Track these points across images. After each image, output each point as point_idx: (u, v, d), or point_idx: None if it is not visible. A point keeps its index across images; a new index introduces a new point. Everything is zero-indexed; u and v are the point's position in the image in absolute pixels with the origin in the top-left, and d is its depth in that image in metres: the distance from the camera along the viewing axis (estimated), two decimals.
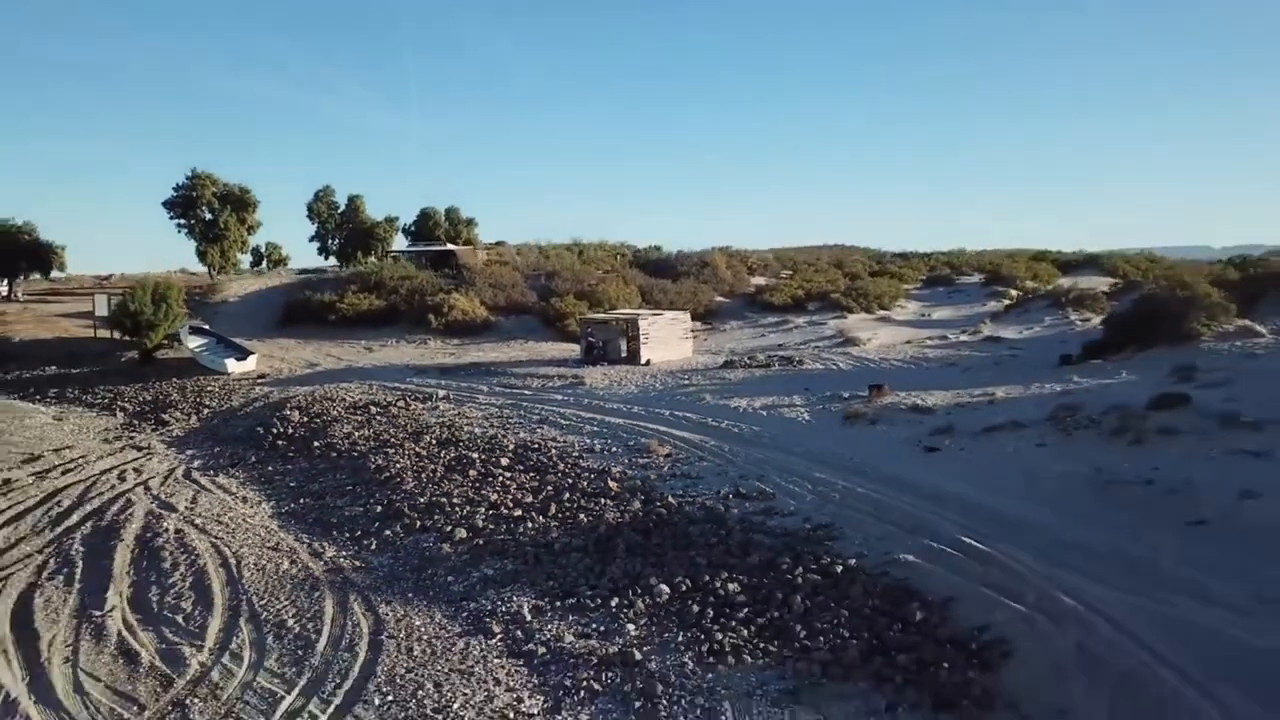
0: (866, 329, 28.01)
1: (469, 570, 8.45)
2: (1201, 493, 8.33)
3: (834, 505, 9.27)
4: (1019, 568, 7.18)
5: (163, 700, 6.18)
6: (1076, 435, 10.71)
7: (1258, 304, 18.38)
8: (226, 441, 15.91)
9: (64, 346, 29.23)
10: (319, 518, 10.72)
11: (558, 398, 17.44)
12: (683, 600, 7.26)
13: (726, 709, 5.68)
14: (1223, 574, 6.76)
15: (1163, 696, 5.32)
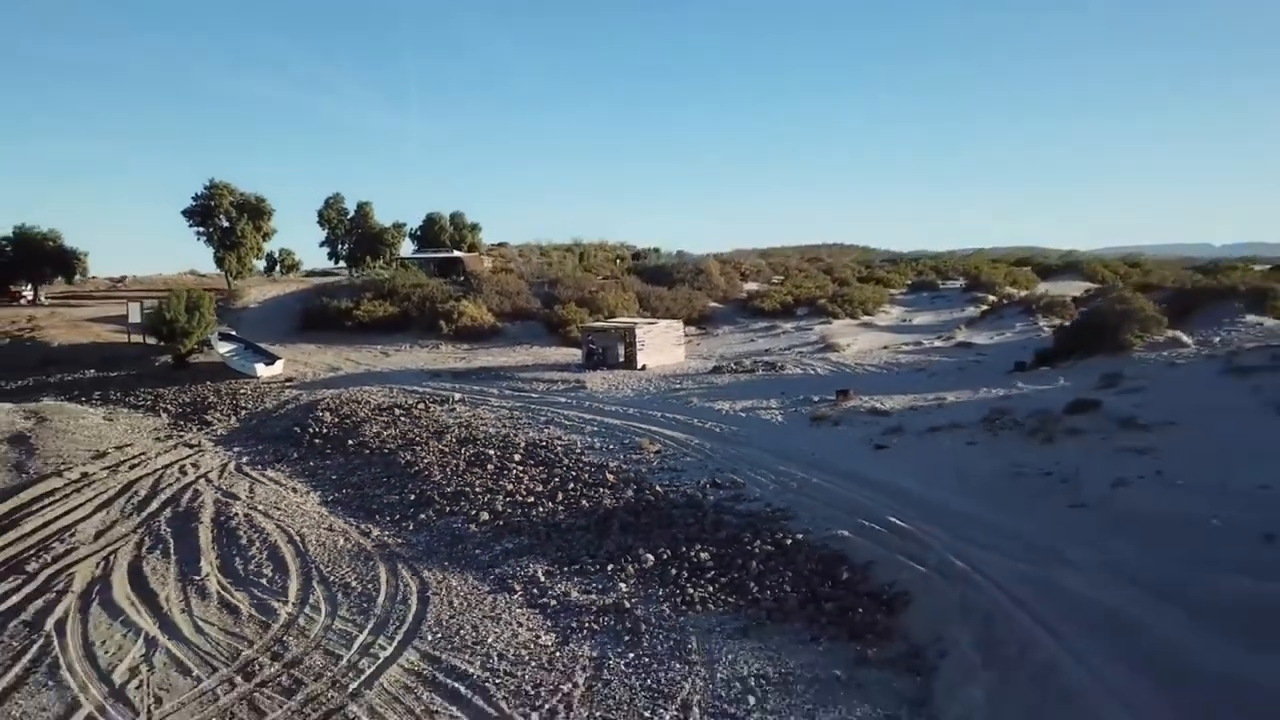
0: (848, 335, 29.85)
1: (492, 545, 10.33)
2: (1085, 482, 10.20)
3: (792, 493, 11.14)
4: (929, 540, 9.05)
5: (265, 638, 8.06)
6: (1002, 435, 12.59)
7: (1192, 315, 20.24)
8: (267, 440, 17.79)
9: (100, 351, 31.14)
10: (361, 505, 12.60)
11: (562, 401, 19.31)
12: (664, 566, 9.13)
13: (693, 641, 7.55)
14: (1081, 545, 8.63)
15: (1014, 631, 7.18)
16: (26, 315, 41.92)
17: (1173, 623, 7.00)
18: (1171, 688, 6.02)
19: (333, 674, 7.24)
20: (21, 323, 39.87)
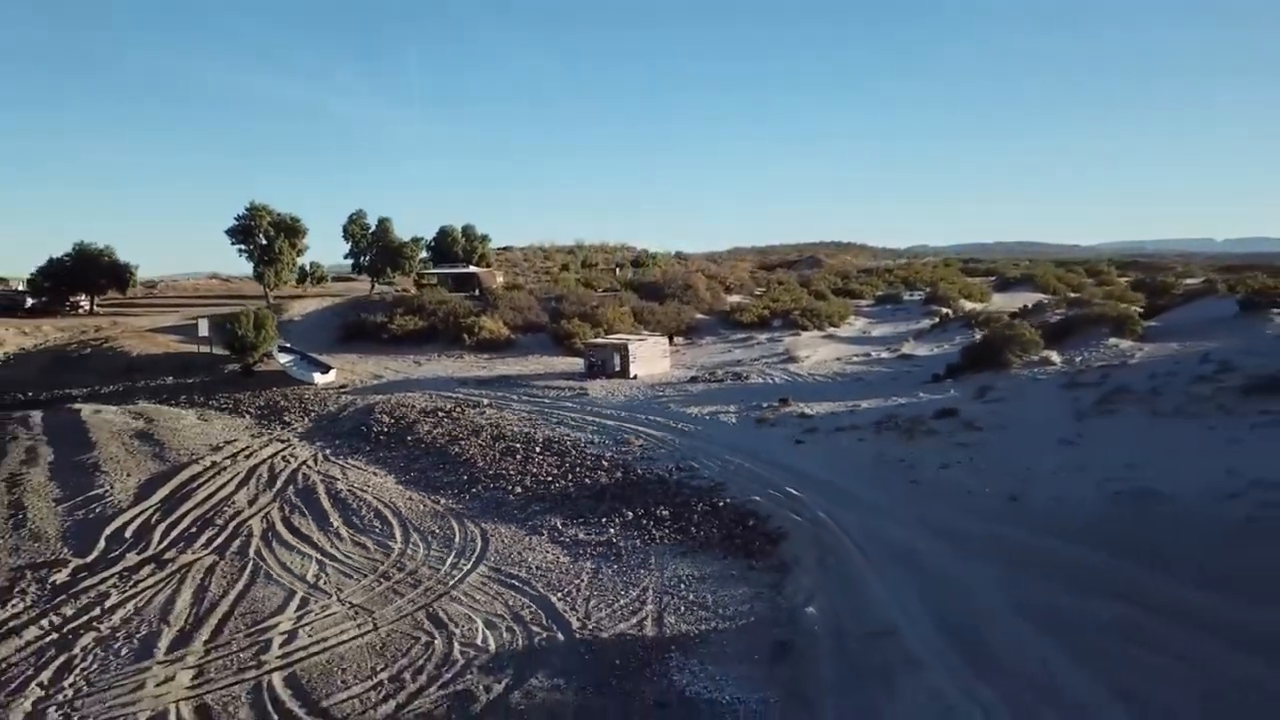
0: (811, 347, 34.52)
1: (525, 508, 15.08)
2: (923, 467, 14.96)
3: (729, 474, 15.90)
4: (810, 503, 13.79)
5: (389, 561, 12.81)
6: (884, 434, 17.34)
7: (1072, 336, 24.94)
8: (340, 436, 22.55)
9: (175, 360, 35.93)
10: (427, 483, 17.35)
11: (568, 405, 24.08)
12: (639, 518, 13.88)
13: (653, 560, 12.28)
14: (905, 506, 13.38)
15: (840, 554, 11.92)
16: (93, 325, 46.79)
17: (938, 549, 11.74)
18: (924, 582, 10.76)
19: (438, 577, 12.00)
20: (90, 332, 44.72)
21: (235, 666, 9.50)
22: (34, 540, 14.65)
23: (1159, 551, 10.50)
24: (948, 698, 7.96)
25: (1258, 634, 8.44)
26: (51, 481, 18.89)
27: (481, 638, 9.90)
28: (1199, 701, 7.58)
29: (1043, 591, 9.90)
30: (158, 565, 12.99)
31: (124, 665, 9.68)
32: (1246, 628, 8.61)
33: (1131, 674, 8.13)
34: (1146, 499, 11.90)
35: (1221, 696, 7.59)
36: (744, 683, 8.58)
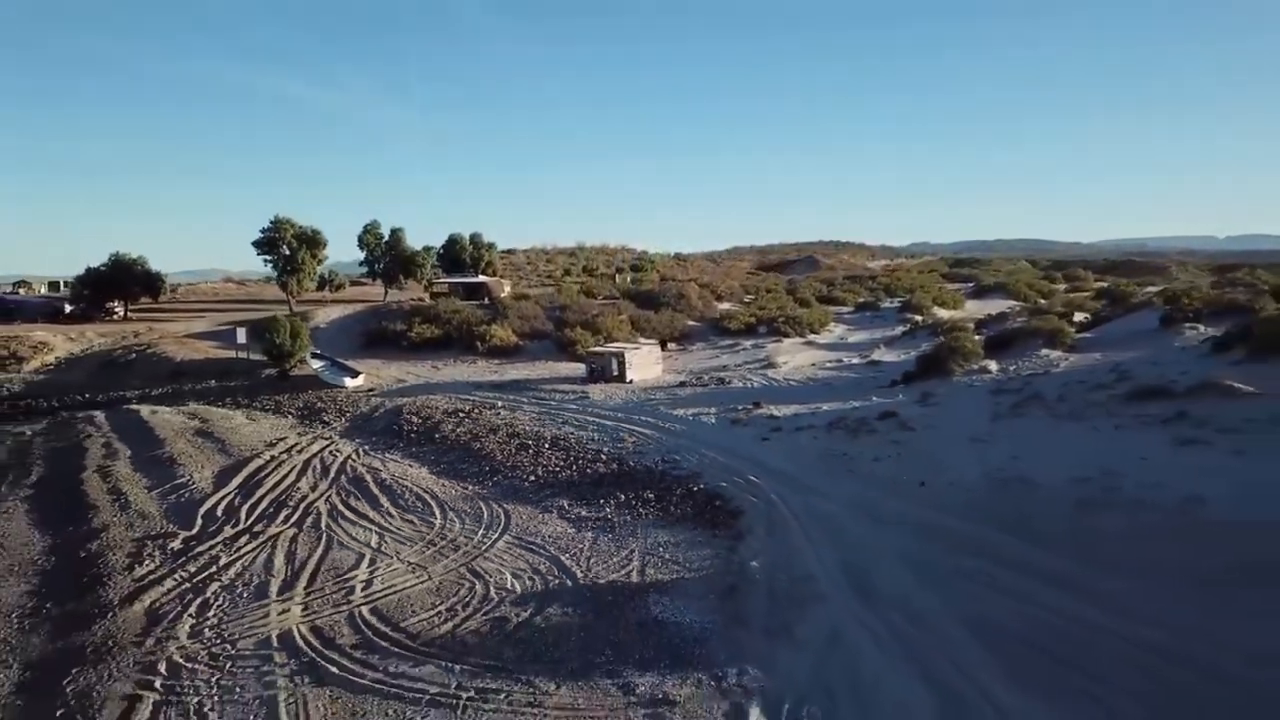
0: (790, 353, 37.86)
1: (538, 492, 18.45)
2: (859, 460, 18.32)
3: (705, 465, 19.26)
4: (765, 488, 17.15)
5: (433, 532, 16.19)
6: (834, 433, 20.70)
7: (1012, 346, 28.27)
8: (376, 434, 25.92)
9: (216, 365, 39.29)
10: (455, 473, 20.72)
11: (572, 407, 27.44)
12: (629, 501, 17.25)
13: (638, 531, 15.64)
14: (843, 490, 16.74)
15: (784, 525, 15.28)
16: (132, 330, 50.20)
17: (857, 522, 15.10)
18: (841, 545, 14.13)
19: (472, 544, 15.37)
20: (130, 338, 48.12)
21: (331, 603, 12.89)
22: (142, 518, 18.04)
23: (1018, 522, 13.87)
24: (839, 619, 11.34)
25: (1071, 578, 11.81)
26: (137, 473, 22.29)
27: (510, 583, 13.28)
28: (1020, 624, 10.91)
29: (924, 550, 13.28)
30: (251, 536, 16.39)
31: (249, 603, 13.07)
32: (1063, 574, 11.99)
33: (975, 605, 11.50)
34: (1018, 483, 15.27)
35: (1036, 620, 10.93)
36: (700, 612, 11.94)
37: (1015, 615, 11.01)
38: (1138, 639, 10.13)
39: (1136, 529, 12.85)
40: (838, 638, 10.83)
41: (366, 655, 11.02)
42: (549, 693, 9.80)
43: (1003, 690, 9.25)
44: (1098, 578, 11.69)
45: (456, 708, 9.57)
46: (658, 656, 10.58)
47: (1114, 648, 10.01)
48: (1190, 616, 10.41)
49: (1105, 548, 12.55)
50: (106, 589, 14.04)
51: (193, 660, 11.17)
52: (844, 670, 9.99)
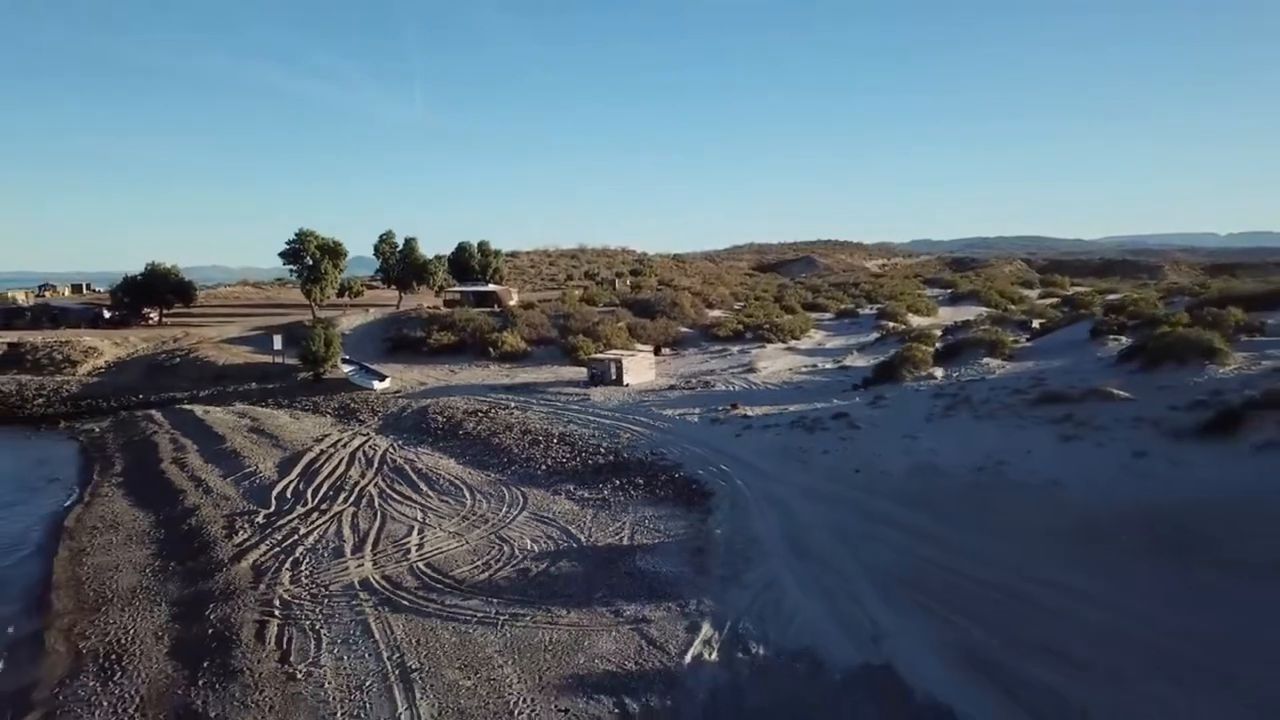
0: (771, 358, 41.60)
1: (549, 478, 22.26)
2: (812, 453, 22.12)
3: (686, 457, 23.05)
4: (734, 475, 20.94)
5: (465, 509, 20.00)
6: (794, 431, 24.49)
7: (961, 355, 32.00)
8: (406, 431, 29.71)
9: (254, 369, 43.08)
10: (479, 464, 24.52)
11: (575, 408, 31.23)
12: (623, 485, 21.07)
13: (630, 509, 19.45)
14: (793, 478, 20.55)
15: (745, 503, 19.08)
16: (171, 336, 53.95)
17: (801, 501, 18.90)
18: (785, 518, 17.93)
19: (498, 518, 19.18)
20: (170, 343, 51.90)
21: (394, 560, 16.70)
22: (225, 500, 21.88)
23: (922, 499, 17.67)
24: (775, 569, 15.14)
25: (951, 539, 15.60)
26: (209, 464, 26.13)
27: (529, 546, 17.09)
28: (904, 571, 14.66)
29: (847, 521, 17.09)
30: (319, 513, 20.22)
31: (330, 560, 16.89)
32: (945, 537, 15.79)
33: (874, 558, 15.28)
34: (930, 470, 19.08)
35: (916, 568, 14.71)
36: (674, 565, 15.73)
37: (901, 565, 14.81)
38: (990, 581, 13.90)
39: (1009, 504, 16.67)
40: (773, 581, 14.63)
41: (427, 594, 14.84)
42: (561, 615, 13.61)
43: (880, 613, 13.04)
44: (971, 539, 15.50)
45: (496, 625, 13.38)
46: (640, 593, 14.39)
47: (969, 587, 13.79)
48: (1037, 567, 14.18)
49: (984, 518, 16.36)
50: (215, 552, 17.89)
51: (298, 598, 15.00)
52: (773, 601, 13.79)
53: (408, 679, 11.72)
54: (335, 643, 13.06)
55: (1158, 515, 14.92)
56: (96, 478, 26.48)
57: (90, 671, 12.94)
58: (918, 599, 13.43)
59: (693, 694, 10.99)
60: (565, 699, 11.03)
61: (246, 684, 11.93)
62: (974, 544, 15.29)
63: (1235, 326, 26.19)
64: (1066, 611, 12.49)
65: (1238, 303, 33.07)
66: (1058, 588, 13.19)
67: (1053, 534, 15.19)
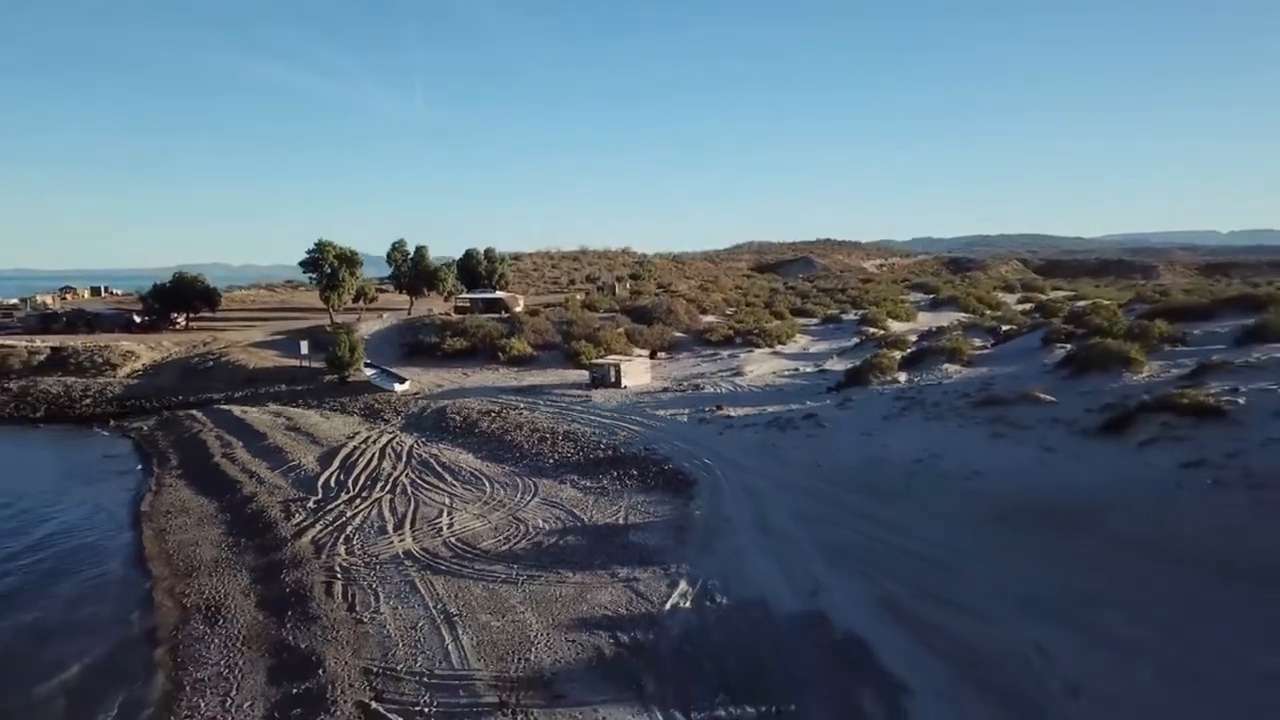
0: (757, 362, 44.86)
1: (556, 470, 25.57)
2: (783, 448, 25.40)
3: (675, 452, 26.35)
4: (714, 468, 24.24)
5: (486, 496, 23.32)
6: (769, 429, 27.78)
7: (924, 361, 35.26)
8: (427, 430, 33.01)
9: (283, 372, 46.37)
10: (495, 458, 27.81)
11: (578, 409, 34.52)
12: (620, 475, 24.37)
13: (625, 496, 22.75)
14: (765, 470, 23.86)
15: (722, 493, 22.38)
16: (200, 340, 57.26)
17: (769, 488, 22.19)
18: (754, 502, 21.23)
19: (514, 503, 22.49)
20: (200, 347, 55.21)
21: (429, 536, 20.00)
22: (278, 488, 25.20)
23: (868, 486, 20.97)
24: (742, 542, 18.43)
25: (886, 518, 18.89)
26: (256, 458, 29.44)
27: (541, 525, 20.39)
28: (846, 543, 17.92)
29: (805, 504, 20.39)
30: (361, 499, 23.53)
31: (376, 536, 20.20)
32: (882, 516, 19.08)
33: (824, 534, 18.57)
34: (878, 463, 22.38)
35: (856, 541, 18.00)
36: (660, 539, 19.01)
37: (845, 539, 18.09)
38: (910, 550, 17.18)
39: (936, 490, 19.98)
40: (739, 551, 17.92)
41: (459, 561, 18.16)
42: (568, 576, 16.92)
43: (821, 574, 16.33)
44: (902, 517, 18.80)
45: (517, 583, 16.69)
46: (632, 560, 17.69)
47: (894, 555, 17.07)
48: (948, 539, 17.47)
49: (915, 501, 19.67)
50: (278, 530, 21.22)
51: (354, 565, 18.32)
52: (738, 567, 17.08)
53: (450, 621, 15.04)
54: (390, 597, 16.39)
55: (1052, 499, 18.25)
56: (157, 470, 29.81)
57: (197, 619, 16.27)
58: (853, 564, 16.72)
59: (669, 631, 14.29)
60: (572, 634, 14.33)
61: (325, 625, 15.25)
62: (903, 521, 18.59)
63: (1159, 338, 29.44)
64: (964, 571, 15.78)
65: (1176, 314, 36.42)
66: (961, 553, 16.49)
67: (967, 514, 18.50)
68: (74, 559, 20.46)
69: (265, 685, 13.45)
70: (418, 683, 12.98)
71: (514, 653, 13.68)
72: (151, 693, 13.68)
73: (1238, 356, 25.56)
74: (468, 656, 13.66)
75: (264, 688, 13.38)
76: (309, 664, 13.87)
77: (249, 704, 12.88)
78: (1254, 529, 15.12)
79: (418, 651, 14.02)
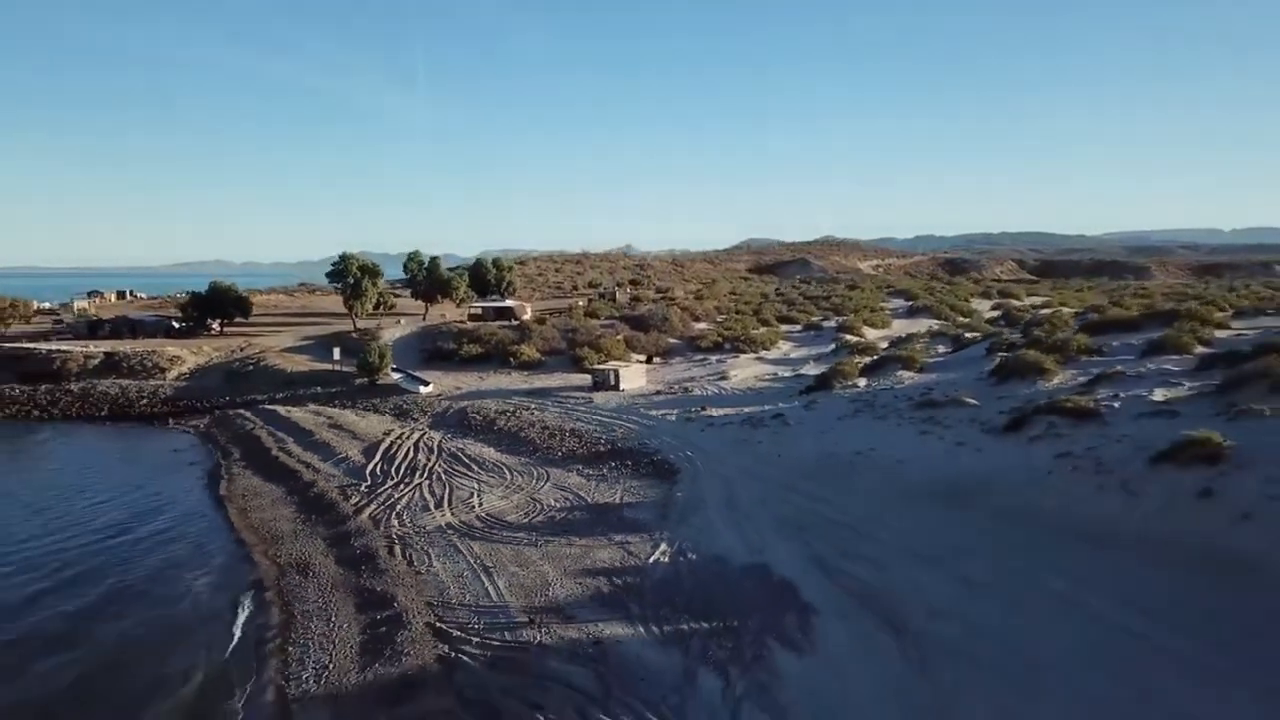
0: (742, 367, 49.52)
1: (564, 461, 30.32)
2: (753, 443, 30.14)
3: (664, 446, 31.08)
4: (695, 459, 28.98)
5: (506, 482, 28.09)
6: (743, 427, 32.50)
7: (884, 368, 39.95)
8: (452, 427, 37.75)
9: (317, 375, 51.14)
10: (512, 451, 32.56)
11: (582, 409, 39.27)
12: (617, 465, 29.13)
13: (621, 481, 27.51)
14: (737, 460, 28.61)
15: (699, 479, 27.16)
16: (236, 345, 61.99)
17: (738, 476, 26.94)
18: (725, 486, 25.98)
19: (530, 487, 27.25)
20: (238, 352, 59.95)
21: (463, 512, 24.76)
22: (332, 476, 29.97)
23: (817, 473, 25.71)
24: (712, 516, 23.17)
25: (828, 497, 23.63)
26: (308, 451, 34.21)
27: (553, 503, 25.14)
28: (793, 516, 22.64)
29: (765, 488, 25.13)
30: (404, 484, 28.29)
31: (420, 513, 24.97)
32: (824, 495, 23.83)
33: (776, 510, 23.31)
34: (827, 455, 27.12)
35: (800, 515, 22.73)
36: (648, 514, 23.74)
37: (792, 514, 22.83)
38: (840, 521, 21.89)
39: (867, 476, 24.73)
40: (709, 523, 22.66)
41: (490, 530, 22.92)
42: (576, 540, 21.66)
43: (768, 538, 21.05)
44: (838, 498, 23.54)
45: (536, 545, 21.43)
46: (625, 529, 22.43)
47: (827, 525, 21.79)
48: (870, 513, 22.19)
49: (850, 485, 24.41)
50: (339, 509, 26.00)
51: (407, 534, 23.09)
52: (706, 534, 21.81)
53: (487, 571, 19.81)
54: (439, 555, 21.17)
55: (953, 481, 23.00)
56: (223, 461, 34.59)
57: (292, 573, 21.06)
58: (794, 532, 21.46)
59: (651, 576, 19.03)
60: (579, 579, 19.09)
61: (392, 575, 20.03)
62: (838, 500, 23.35)
63: (1078, 350, 34.15)
64: (875, 535, 20.53)
65: (1110, 326, 41.19)
66: (876, 523, 21.23)
67: (887, 494, 23.26)
68: (182, 531, 25.25)
69: (355, 614, 18.25)
70: (467, 610, 17.77)
71: (537, 591, 18.46)
72: (271, 620, 18.46)
73: (1134, 367, 30.34)
74: (503, 593, 18.44)
75: (354, 615, 18.17)
76: (385, 600, 18.65)
77: (346, 626, 17.67)
78: (1090, 502, 19.87)
79: (465, 591, 18.80)
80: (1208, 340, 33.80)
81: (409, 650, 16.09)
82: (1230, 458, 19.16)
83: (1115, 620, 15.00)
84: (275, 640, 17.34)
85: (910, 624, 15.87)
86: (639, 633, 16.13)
